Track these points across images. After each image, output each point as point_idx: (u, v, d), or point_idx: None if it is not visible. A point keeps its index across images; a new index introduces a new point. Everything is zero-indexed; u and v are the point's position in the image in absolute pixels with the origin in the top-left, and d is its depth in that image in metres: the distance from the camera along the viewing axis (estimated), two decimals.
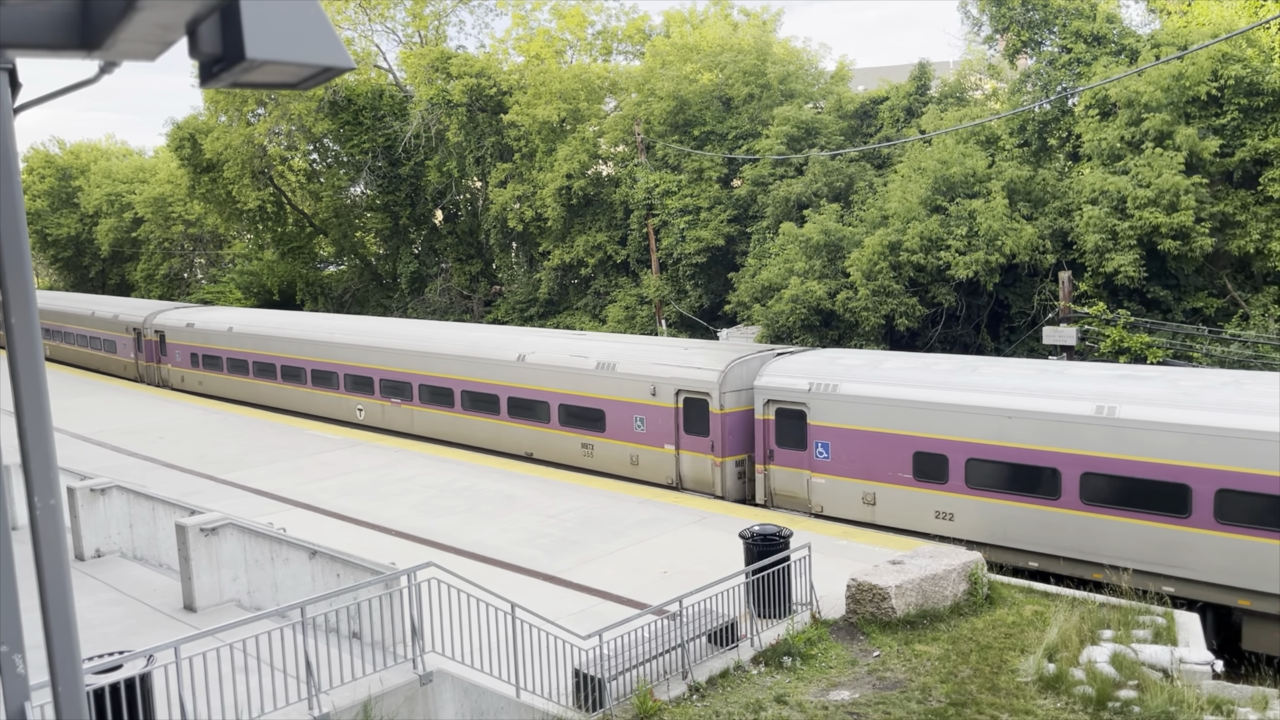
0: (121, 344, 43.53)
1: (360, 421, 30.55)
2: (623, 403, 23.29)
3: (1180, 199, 24.07)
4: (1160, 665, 12.80)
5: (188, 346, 38.66)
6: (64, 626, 2.95)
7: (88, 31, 2.29)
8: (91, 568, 16.40)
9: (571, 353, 24.88)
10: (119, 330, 43.65)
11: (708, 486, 21.81)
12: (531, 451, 25.50)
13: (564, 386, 24.58)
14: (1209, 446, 15.47)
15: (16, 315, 2.83)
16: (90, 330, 46.46)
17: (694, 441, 22.05)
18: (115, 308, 45.90)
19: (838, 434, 19.70)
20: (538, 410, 25.30)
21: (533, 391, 25.39)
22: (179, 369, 39.38)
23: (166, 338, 39.76)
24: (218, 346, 37.06)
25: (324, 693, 10.76)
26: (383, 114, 45.71)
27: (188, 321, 39.02)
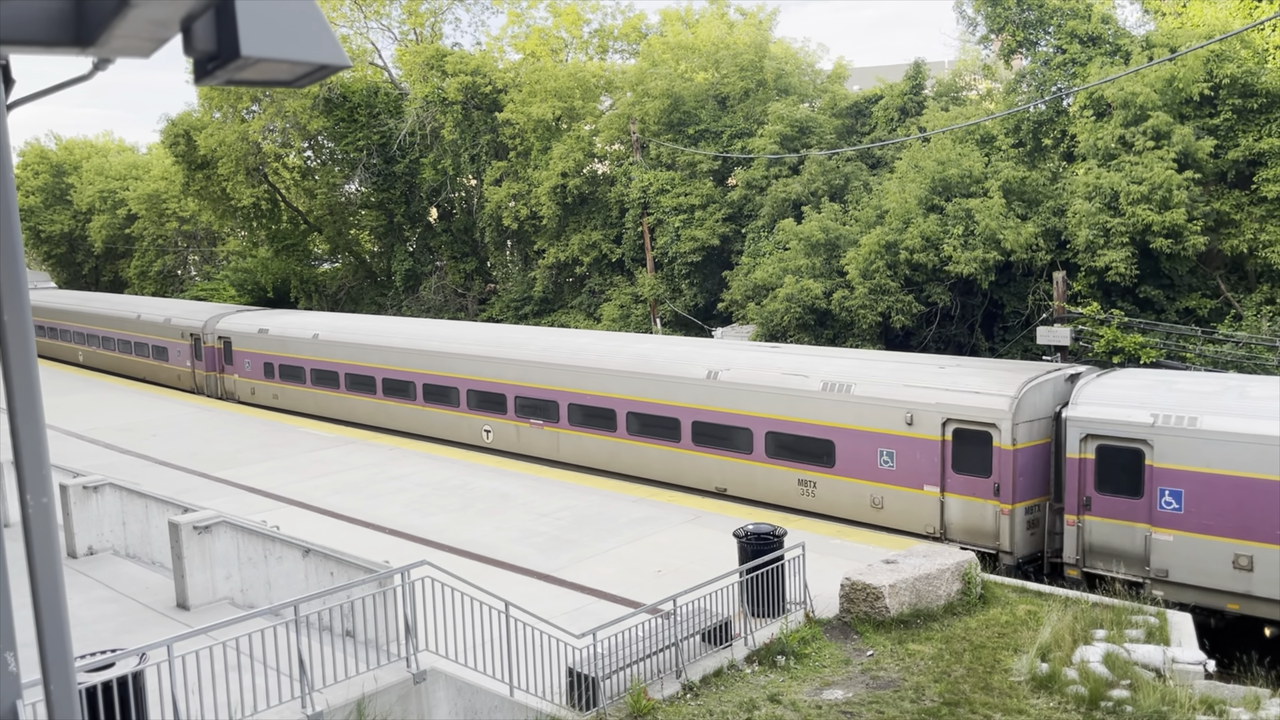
0: (175, 351, 39.55)
1: (488, 445, 26.75)
2: (861, 433, 19.24)
3: (1173, 195, 24.12)
4: (1153, 665, 12.83)
5: (260, 355, 34.77)
6: (56, 624, 2.94)
7: (82, 28, 2.28)
8: (84, 565, 16.36)
9: (785, 370, 20.84)
10: (172, 336, 39.65)
11: (986, 538, 17.93)
12: (725, 487, 21.59)
13: (774, 411, 20.57)
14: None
15: (9, 311, 2.82)
16: (135, 335, 42.46)
17: (968, 483, 18.04)
18: (167, 310, 41.99)
19: (1196, 480, 15.84)
20: (735, 439, 21.33)
21: (728, 416, 21.37)
22: (248, 380, 35.54)
23: (233, 345, 35.94)
24: (299, 356, 33.00)
25: (317, 691, 10.74)
26: (378, 111, 45.63)
27: (260, 327, 35.07)
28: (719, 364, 21.95)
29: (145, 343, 41.71)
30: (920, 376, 19.17)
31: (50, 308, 51.61)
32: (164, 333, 40.18)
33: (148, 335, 41.39)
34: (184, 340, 38.76)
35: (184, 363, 38.88)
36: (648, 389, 23.07)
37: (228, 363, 36.38)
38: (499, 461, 25.43)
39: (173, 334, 39.57)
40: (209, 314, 38.83)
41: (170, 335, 39.75)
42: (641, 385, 23.21)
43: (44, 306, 52.13)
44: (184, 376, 39.13)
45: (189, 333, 38.41)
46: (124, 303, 46.75)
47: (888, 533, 18.75)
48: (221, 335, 36.55)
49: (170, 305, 43.87)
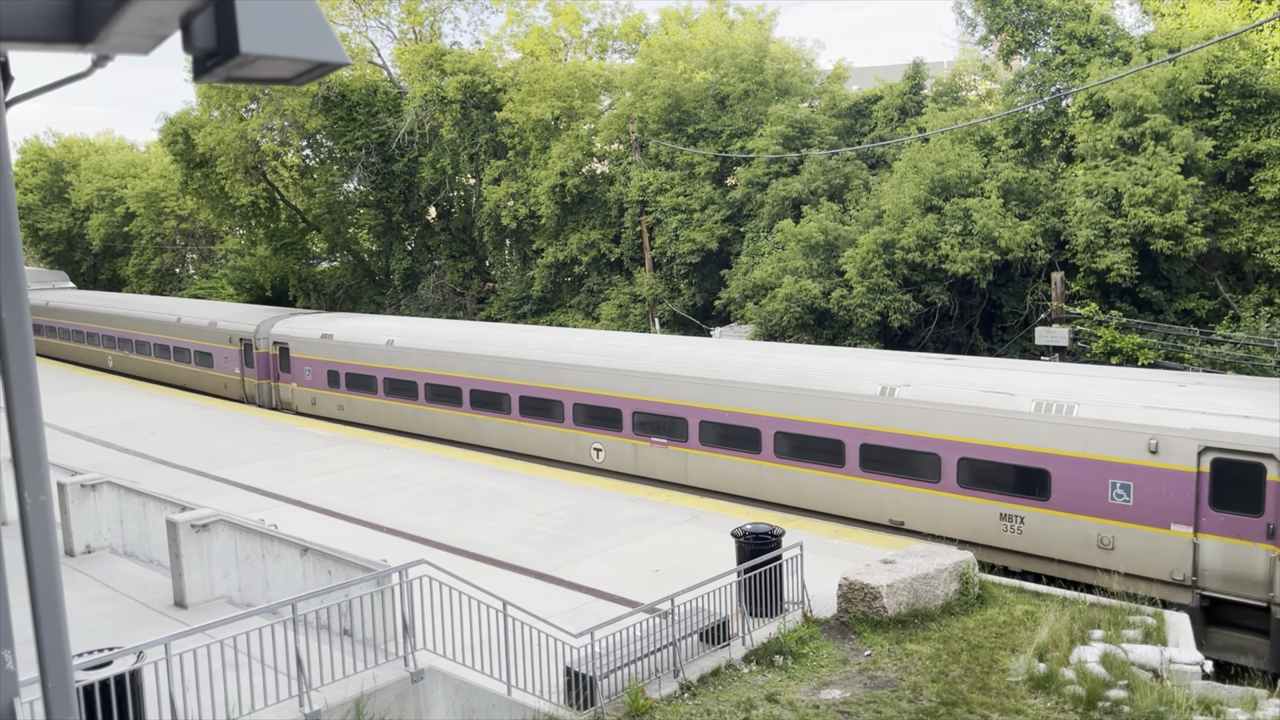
0: (222, 357, 36.76)
1: (598, 465, 24.31)
2: (1087, 461, 16.89)
3: (1177, 199, 24.16)
4: (1150, 665, 12.84)
5: (323, 363, 32.01)
6: (54, 623, 2.94)
7: (81, 25, 2.28)
8: (82, 564, 16.35)
9: (984, 388, 18.44)
10: (219, 340, 36.94)
11: (1253, 588, 15.56)
12: (902, 520, 19.21)
13: (970, 434, 18.24)
14: None
15: (8, 309, 2.82)
16: (175, 340, 39.67)
17: (1230, 523, 15.73)
18: (211, 313, 39.20)
19: None
20: (917, 465, 18.93)
21: (908, 439, 18.94)
22: (308, 389, 32.87)
23: (291, 351, 33.27)
24: (371, 364, 30.14)
25: (315, 690, 10.74)
26: (377, 110, 45.61)
27: (324, 332, 32.27)
28: (896, 379, 19.57)
29: (186, 348, 39.06)
30: (1162, 396, 16.86)
31: (75, 309, 49.30)
32: (209, 337, 37.55)
33: (189, 340, 38.71)
34: (232, 345, 36.08)
35: (232, 370, 36.23)
36: (803, 406, 20.36)
37: (284, 370, 33.86)
38: (497, 461, 25.42)
39: (219, 339, 36.95)
40: (261, 318, 36.12)
41: (216, 340, 37.14)
42: (794, 402, 20.49)
43: (67, 308, 50.07)
44: (231, 384, 36.48)
45: (238, 338, 35.76)
46: (161, 305, 43.88)
47: (1120, 576, 16.53)
48: (278, 341, 33.95)
49: (215, 308, 41.04)
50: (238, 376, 36.17)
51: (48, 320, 51.22)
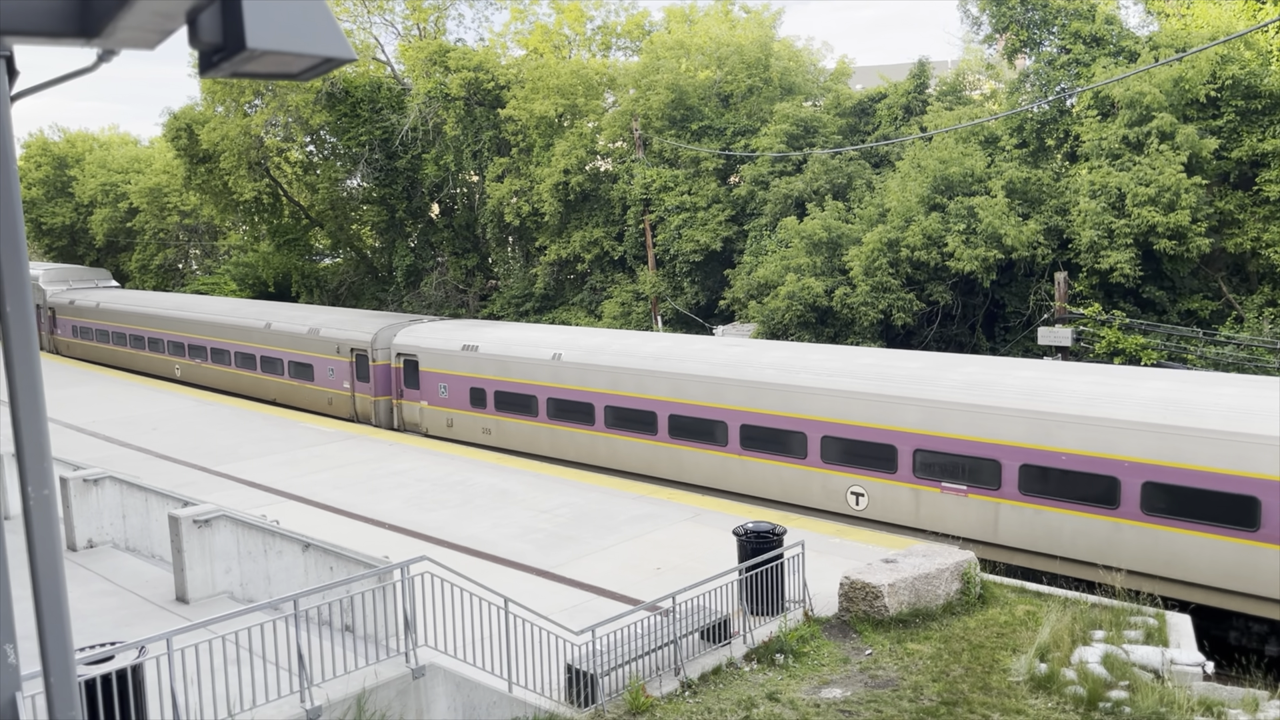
0: (325, 369, 32.75)
1: (857, 513, 20.02)
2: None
3: (1181, 198, 24.12)
4: (1151, 666, 12.83)
5: (465, 379, 27.97)
6: (56, 617, 2.94)
7: (87, 19, 2.28)
8: (84, 558, 16.37)
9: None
10: (322, 350, 32.94)
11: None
12: (1233, 584, 15.59)
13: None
14: None
15: (12, 304, 2.82)
16: (264, 348, 35.54)
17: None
18: (311, 319, 34.75)
19: None
20: (1248, 512, 15.38)
21: (1246, 483, 15.35)
22: (442, 409, 28.80)
23: (421, 364, 29.36)
24: (531, 381, 25.85)
25: (316, 686, 10.75)
26: (380, 107, 45.61)
27: (466, 343, 28.22)
28: (1231, 404, 16.05)
29: (276, 358, 35.04)
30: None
31: (133, 312, 44.46)
32: (309, 346, 33.40)
33: (282, 349, 34.62)
34: (340, 357, 31.91)
35: (339, 384, 32.13)
36: (1185, 449, 16.09)
37: (410, 386, 29.86)
38: (499, 458, 25.42)
39: (323, 348, 32.84)
40: (379, 325, 31.84)
41: (319, 349, 33.03)
42: (1167, 443, 16.26)
43: (123, 310, 45.33)
44: (338, 401, 32.34)
45: (349, 347, 31.66)
46: (244, 309, 39.28)
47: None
48: (404, 352, 29.96)
49: (315, 314, 36.02)
50: (346, 392, 32.00)
51: (98, 323, 46.85)
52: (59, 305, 50.23)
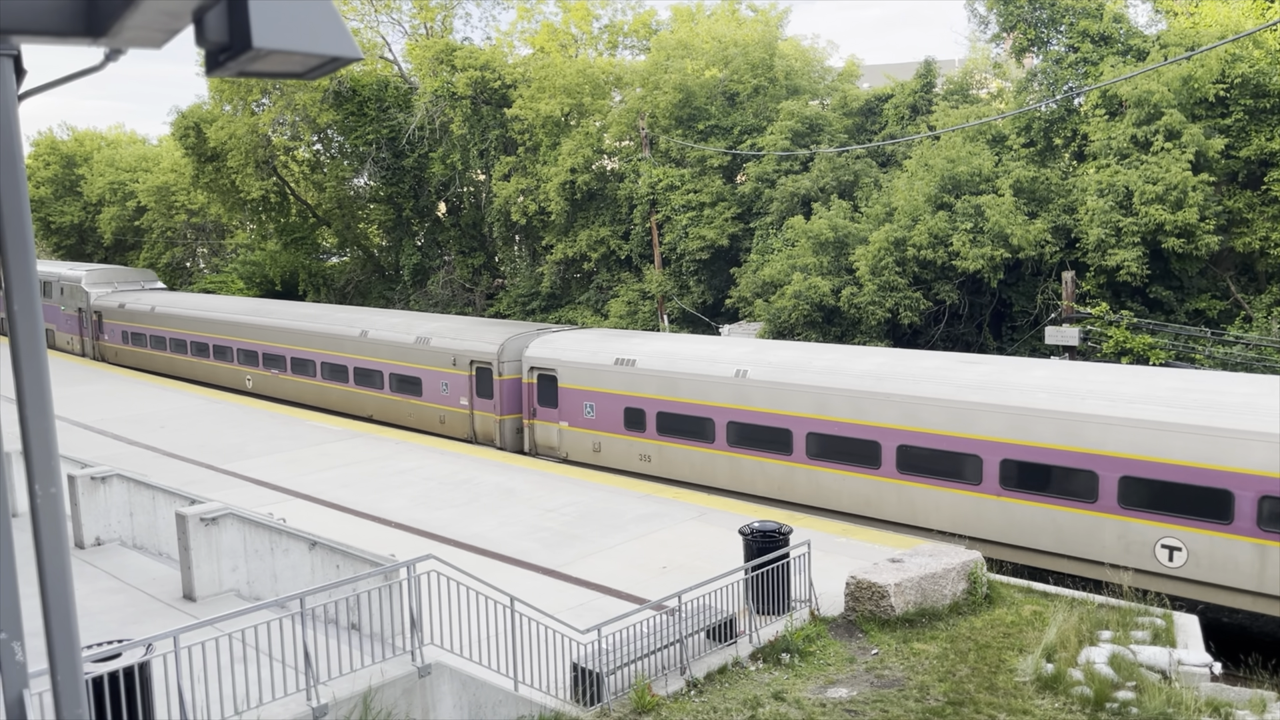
0: (437, 384, 28.95)
1: (1168, 571, 16.46)
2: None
3: (1188, 195, 24.05)
4: (1159, 667, 12.80)
5: (618, 398, 24.22)
6: (63, 614, 2.95)
7: (94, 18, 2.28)
8: (91, 556, 16.42)
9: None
10: (433, 362, 29.09)
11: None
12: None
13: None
14: None
15: (19, 302, 2.83)
16: (355, 359, 31.91)
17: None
18: (416, 326, 30.81)
19: None
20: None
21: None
22: (588, 432, 24.98)
23: (560, 380, 25.50)
24: (704, 402, 22.55)
25: (323, 684, 10.76)
26: (387, 105, 45.68)
27: (620, 356, 24.35)
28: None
29: (375, 370, 31.12)
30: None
31: (195, 317, 39.95)
32: (417, 357, 29.68)
33: (382, 360, 30.81)
34: (457, 370, 28.19)
35: (454, 400, 28.37)
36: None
37: (545, 405, 26.17)
38: (504, 457, 25.44)
39: (435, 359, 29.09)
40: (505, 334, 27.99)
41: (430, 361, 29.22)
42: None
43: (183, 315, 40.73)
44: (453, 420, 28.46)
45: (469, 359, 27.88)
46: (332, 315, 34.97)
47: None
48: (539, 366, 26.14)
49: (421, 321, 31.90)
50: (463, 410, 28.17)
51: (154, 329, 42.29)
52: (106, 309, 45.56)
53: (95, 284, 47.31)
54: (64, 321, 48.96)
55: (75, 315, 47.70)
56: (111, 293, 46.37)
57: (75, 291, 47.28)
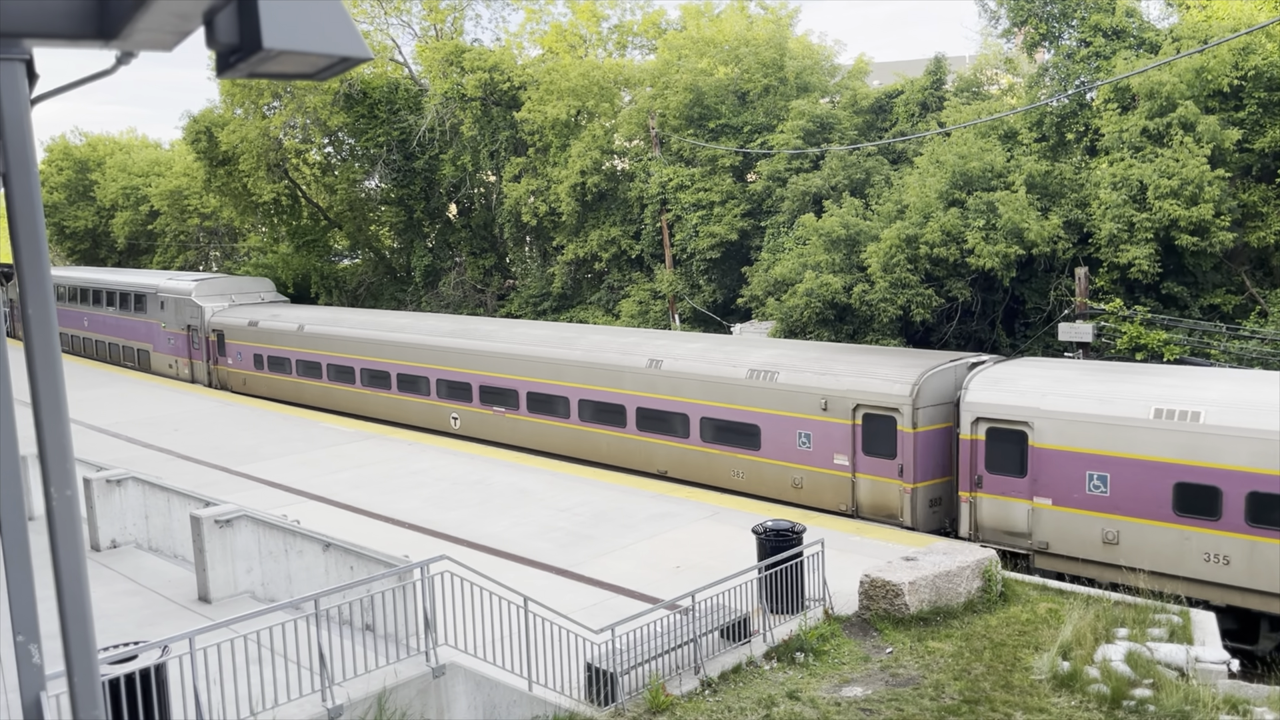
0: (792, 435, 21.57)
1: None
2: None
3: (1204, 191, 23.89)
4: (1176, 664, 12.72)
5: (1165, 469, 16.89)
6: (80, 617, 2.96)
7: (105, 21, 2.29)
8: (107, 558, 16.50)
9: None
10: (783, 404, 21.72)
11: None
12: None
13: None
14: None
15: (34, 306, 2.83)
16: (642, 398, 24.18)
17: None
18: (744, 356, 23.25)
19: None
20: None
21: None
22: (1102, 517, 17.65)
23: (1035, 439, 18.41)
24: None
25: (337, 685, 10.79)
26: (398, 108, 45.79)
27: (1163, 406, 17.22)
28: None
29: (678, 413, 23.56)
30: None
31: (372, 339, 32.43)
32: (752, 398, 22.27)
33: (692, 400, 23.27)
34: (828, 417, 20.98)
35: (823, 458, 21.12)
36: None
37: (1003, 473, 18.91)
38: (517, 457, 25.46)
39: (787, 402, 21.70)
40: (917, 368, 20.49)
41: (780, 404, 21.81)
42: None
43: (350, 336, 33.25)
44: (820, 484, 21.18)
45: (853, 404, 20.57)
46: (590, 338, 27.20)
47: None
48: (994, 417, 18.91)
49: (752, 349, 23.92)
50: (841, 472, 20.90)
51: (304, 353, 34.89)
52: (229, 327, 38.18)
53: (208, 296, 40.27)
54: (164, 341, 41.99)
55: (182, 334, 40.59)
56: (229, 307, 39.52)
57: (182, 306, 40.58)
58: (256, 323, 37.12)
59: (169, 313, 41.30)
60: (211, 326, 39.04)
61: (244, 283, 42.99)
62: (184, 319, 40.40)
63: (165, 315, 41.55)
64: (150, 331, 42.70)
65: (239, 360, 37.72)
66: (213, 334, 39.00)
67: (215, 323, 38.93)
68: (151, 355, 42.78)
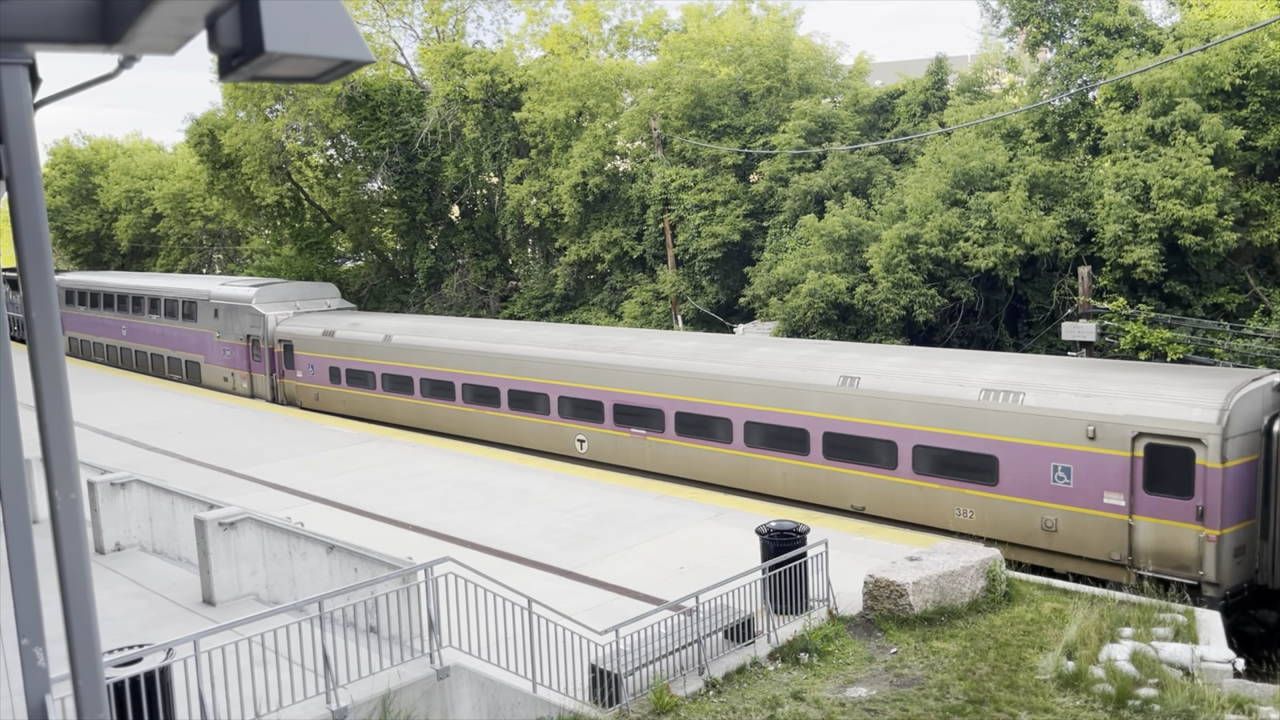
0: (1042, 466, 17.89)
1: None
2: None
3: (1207, 190, 23.85)
4: (1181, 663, 12.70)
5: None
6: (84, 620, 2.96)
7: (107, 25, 2.29)
8: (111, 561, 16.52)
9: None
10: (1029, 431, 17.97)
11: None
12: None
13: None
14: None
15: (38, 310, 2.84)
16: (830, 421, 20.61)
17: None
18: (970, 372, 19.50)
19: None
20: None
21: None
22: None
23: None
24: None
25: (342, 687, 10.80)
26: (400, 110, 45.84)
27: None
28: None
29: (883, 440, 20.01)
30: None
31: (476, 351, 28.49)
32: (986, 423, 18.56)
33: (902, 426, 19.64)
34: (1096, 448, 17.25)
35: (1088, 497, 17.39)
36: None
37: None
38: (520, 458, 25.46)
39: (1037, 429, 17.96)
40: (1221, 388, 16.73)
41: (1026, 432, 18.10)
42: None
43: (454, 349, 29.17)
44: (1084, 528, 17.54)
45: (1134, 432, 16.78)
46: (752, 351, 23.26)
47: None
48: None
49: (979, 363, 20.23)
50: (1113, 514, 17.16)
51: (391, 366, 30.96)
52: (298, 337, 34.37)
53: (270, 303, 36.51)
54: (218, 352, 38.30)
55: (240, 345, 36.96)
56: (294, 315, 35.89)
57: (240, 314, 36.93)
58: (333, 332, 33.12)
59: (224, 321, 37.59)
60: (278, 336, 35.14)
61: (306, 288, 39.39)
62: (242, 328, 36.71)
63: (220, 324, 37.83)
64: (201, 342, 38.98)
65: (311, 374, 33.86)
66: (279, 344, 35.12)
67: (282, 332, 35.02)
68: (203, 367, 39.08)
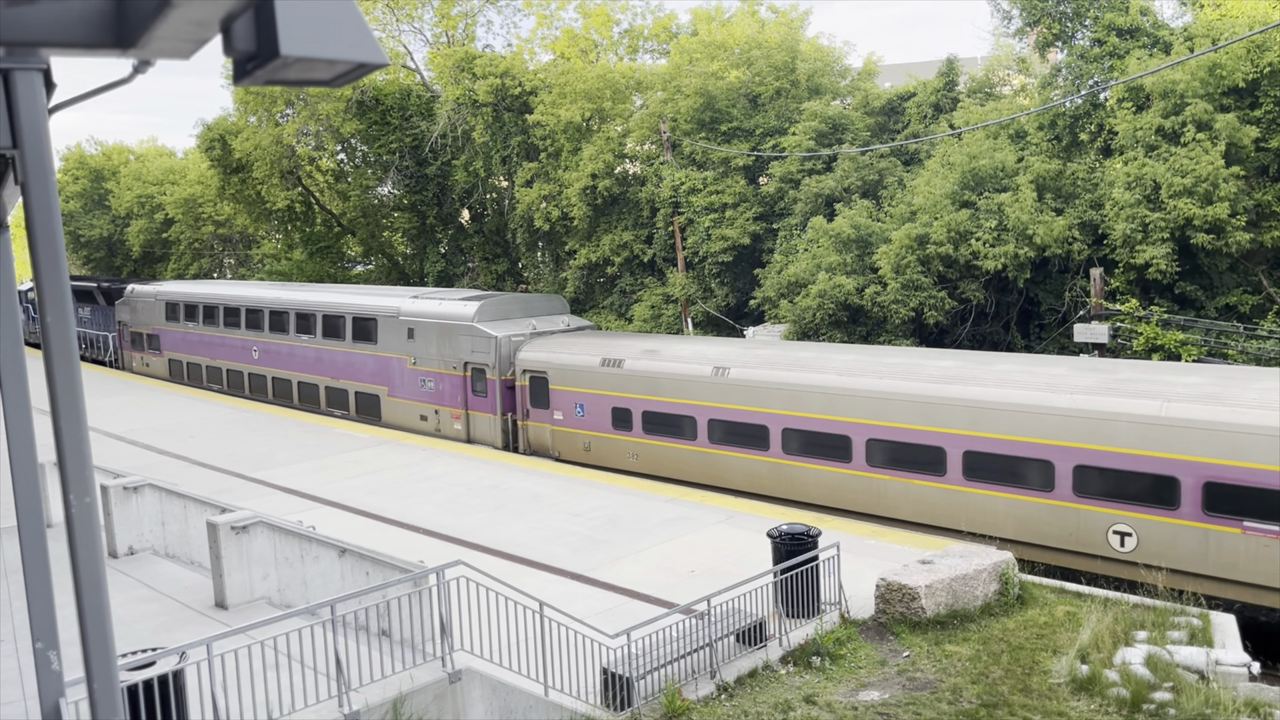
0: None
1: None
2: None
3: (1219, 188, 23.70)
4: (1196, 667, 12.62)
5: None
6: (99, 623, 2.96)
7: (122, 30, 2.29)
8: (124, 565, 16.58)
9: None
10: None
11: None
12: None
13: None
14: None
15: (52, 314, 2.84)
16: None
17: None
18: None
19: None
20: None
21: None
22: None
23: None
24: None
25: (354, 690, 10.81)
26: (410, 114, 45.95)
27: None
28: None
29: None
30: None
31: (891, 393, 19.86)
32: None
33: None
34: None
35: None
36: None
37: None
38: (531, 462, 25.47)
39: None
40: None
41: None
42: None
43: (807, 386, 21.11)
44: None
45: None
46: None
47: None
48: None
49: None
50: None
51: (727, 411, 22.61)
52: (557, 367, 26.55)
53: (496, 321, 28.72)
54: (412, 384, 30.46)
55: (457, 375, 28.90)
56: (531, 336, 28.19)
57: (456, 335, 28.86)
58: (620, 361, 24.91)
59: (424, 343, 29.87)
60: (522, 366, 27.32)
61: (532, 301, 31.28)
62: (458, 353, 28.80)
63: (418, 347, 30.07)
64: (384, 370, 31.33)
65: (579, 416, 25.95)
66: (524, 376, 27.33)
67: (529, 360, 27.17)
68: (384, 402, 31.35)
